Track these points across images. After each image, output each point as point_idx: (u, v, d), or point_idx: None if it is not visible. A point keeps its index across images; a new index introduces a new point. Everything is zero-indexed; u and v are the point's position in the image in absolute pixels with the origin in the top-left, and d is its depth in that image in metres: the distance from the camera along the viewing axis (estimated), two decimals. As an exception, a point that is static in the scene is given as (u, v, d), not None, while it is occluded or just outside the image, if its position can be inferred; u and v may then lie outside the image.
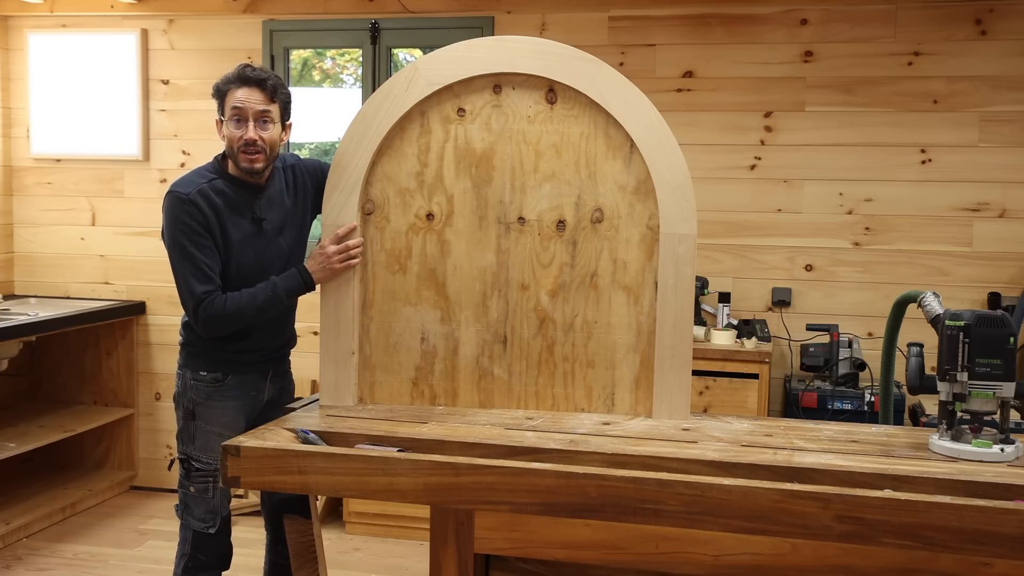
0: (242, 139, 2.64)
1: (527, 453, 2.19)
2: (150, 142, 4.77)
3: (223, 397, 2.74)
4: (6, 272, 4.92)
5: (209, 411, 2.74)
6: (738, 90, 4.19)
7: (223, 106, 2.67)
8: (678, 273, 2.49)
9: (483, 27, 4.36)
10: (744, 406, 3.83)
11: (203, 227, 2.62)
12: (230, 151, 2.67)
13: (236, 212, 2.67)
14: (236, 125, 2.64)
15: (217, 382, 2.74)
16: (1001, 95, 3.98)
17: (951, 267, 4.07)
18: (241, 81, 2.64)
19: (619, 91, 2.49)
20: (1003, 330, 2.17)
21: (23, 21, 4.84)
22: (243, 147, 2.64)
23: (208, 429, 2.73)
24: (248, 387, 2.79)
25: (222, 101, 2.67)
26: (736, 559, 2.07)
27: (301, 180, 2.83)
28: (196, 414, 2.74)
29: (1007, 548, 1.80)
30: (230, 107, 2.64)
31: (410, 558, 4.02)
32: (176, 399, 2.80)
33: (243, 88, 2.64)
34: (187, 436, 2.76)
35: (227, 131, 2.66)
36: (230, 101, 2.65)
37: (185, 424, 2.76)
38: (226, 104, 2.66)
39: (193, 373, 2.75)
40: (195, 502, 2.75)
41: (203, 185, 2.65)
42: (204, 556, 2.76)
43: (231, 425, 2.73)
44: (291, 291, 2.68)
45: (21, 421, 4.54)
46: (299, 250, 2.85)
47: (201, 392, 2.74)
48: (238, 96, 2.64)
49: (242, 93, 2.63)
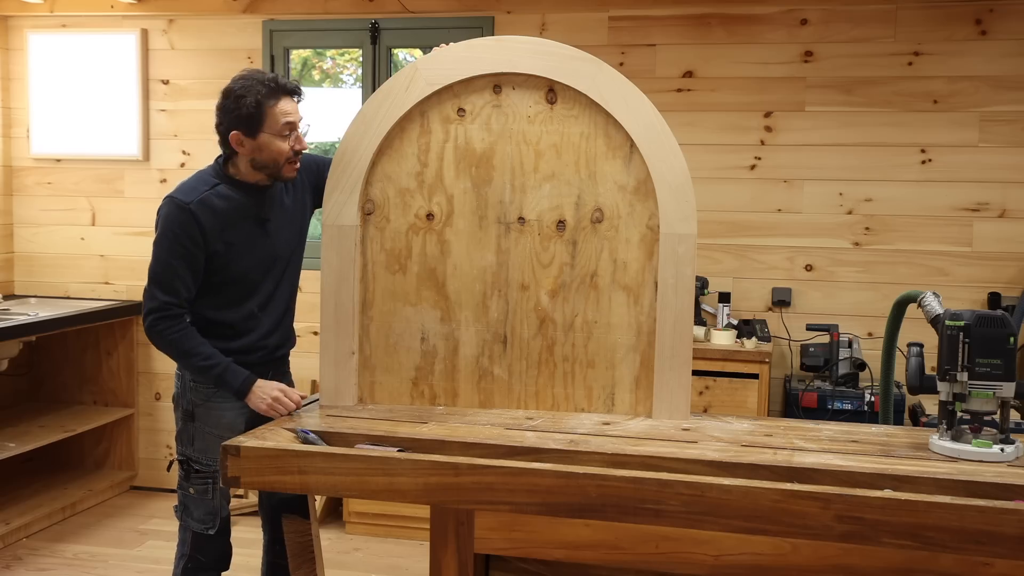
0: (292, 150, 2.62)
1: (527, 453, 2.19)
2: (150, 142, 4.77)
3: (223, 399, 2.73)
4: (6, 272, 4.92)
5: (209, 413, 2.73)
6: (738, 90, 4.19)
7: (260, 121, 2.57)
8: (678, 273, 2.49)
9: (483, 27, 4.36)
10: (744, 406, 3.83)
11: (193, 240, 2.59)
12: (273, 164, 2.62)
13: (240, 215, 2.66)
14: (285, 136, 2.60)
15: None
16: (1001, 95, 3.98)
17: (951, 267, 4.07)
18: (283, 92, 2.60)
19: (619, 91, 2.49)
20: (1003, 330, 2.17)
21: (23, 21, 4.84)
22: (293, 157, 2.63)
23: (208, 431, 2.72)
24: None
25: (259, 116, 2.57)
26: (736, 559, 2.07)
27: (299, 177, 2.81)
28: (195, 415, 2.73)
29: (1007, 548, 1.80)
30: (280, 121, 2.58)
31: (410, 558, 4.02)
32: (175, 400, 2.79)
33: (284, 99, 2.60)
34: (186, 437, 2.75)
35: (275, 145, 2.59)
36: (277, 115, 2.58)
37: (184, 426, 2.76)
38: (268, 118, 2.57)
39: (192, 375, 2.75)
40: (195, 503, 2.74)
41: (205, 193, 2.62)
42: (204, 557, 2.76)
43: (231, 427, 2.71)
44: (224, 383, 2.63)
45: (21, 421, 4.54)
46: (299, 250, 2.84)
47: (200, 394, 2.73)
48: (285, 109, 2.59)
49: (286, 105, 2.60)
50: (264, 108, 2.57)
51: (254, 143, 2.60)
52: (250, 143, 2.60)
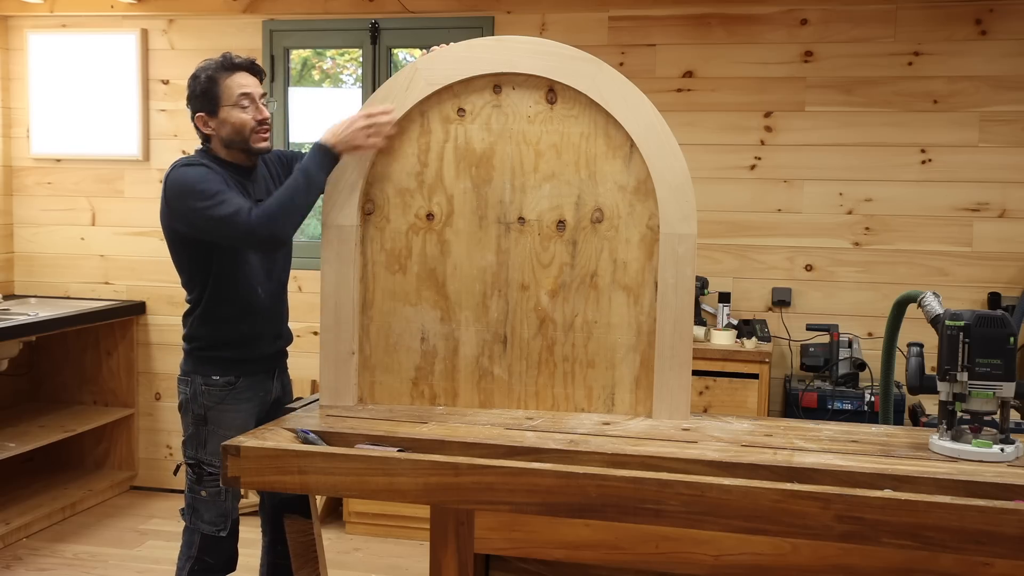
0: (255, 119, 2.67)
1: (527, 453, 2.19)
2: (150, 142, 4.77)
3: (236, 400, 2.73)
4: (6, 272, 4.92)
5: (222, 415, 2.72)
6: (738, 90, 4.19)
7: (217, 96, 2.65)
8: (678, 273, 2.48)
9: (483, 27, 4.36)
10: (744, 406, 3.83)
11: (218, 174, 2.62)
12: (240, 137, 2.68)
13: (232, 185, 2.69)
14: (245, 109, 2.66)
15: (230, 385, 2.73)
16: (1001, 95, 3.98)
17: (951, 267, 4.07)
18: (234, 67, 2.68)
19: (619, 91, 2.48)
20: (1003, 330, 2.17)
21: (23, 21, 4.84)
22: (258, 127, 2.68)
23: (221, 433, 2.68)
24: (258, 387, 2.79)
25: (214, 91, 2.66)
26: (736, 559, 2.07)
27: (274, 168, 2.87)
28: (208, 419, 2.72)
29: (1007, 548, 1.80)
30: (236, 93, 2.65)
31: (410, 558, 4.02)
32: (183, 405, 2.76)
33: (238, 73, 2.67)
34: (198, 441, 2.74)
35: (234, 117, 2.66)
36: (232, 88, 2.65)
37: (196, 430, 2.74)
38: (223, 92, 2.65)
39: (204, 379, 2.73)
40: (206, 506, 2.73)
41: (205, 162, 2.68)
42: (212, 559, 2.75)
43: (244, 427, 2.70)
44: (319, 166, 2.55)
45: (21, 421, 4.54)
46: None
47: (213, 397, 2.72)
48: (240, 82, 2.67)
49: (240, 77, 2.67)
50: (218, 82, 2.66)
51: (217, 120, 2.68)
52: (214, 121, 2.68)
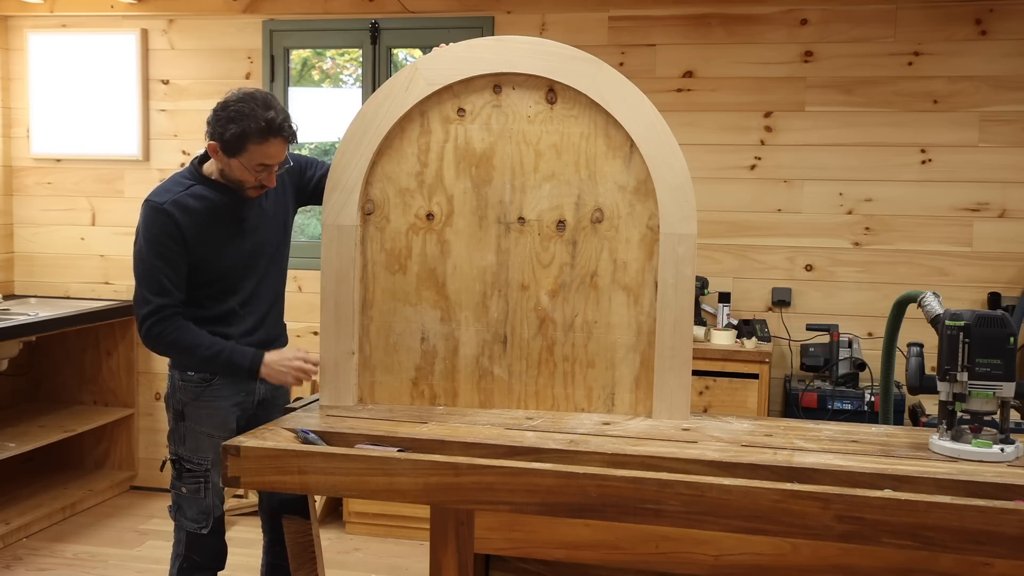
0: (257, 181, 2.63)
1: (527, 453, 2.19)
2: (150, 142, 4.77)
3: (212, 397, 2.73)
4: (6, 272, 4.92)
5: (198, 411, 2.72)
6: (738, 90, 4.19)
7: (238, 151, 2.57)
8: (678, 273, 2.48)
9: (483, 27, 4.36)
10: (744, 406, 3.83)
11: (173, 239, 2.60)
12: (236, 185, 2.65)
13: (216, 216, 2.66)
14: (257, 172, 2.61)
15: (205, 382, 2.72)
16: (1001, 95, 3.98)
17: (951, 267, 4.07)
18: (270, 135, 2.56)
19: (619, 91, 2.48)
20: (1003, 330, 2.17)
21: (23, 21, 4.84)
22: (256, 188, 2.66)
23: (198, 430, 2.71)
24: (238, 387, 2.76)
25: (238, 146, 2.56)
26: (736, 559, 2.07)
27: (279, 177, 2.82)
28: (185, 415, 2.73)
29: (1007, 548, 1.79)
30: (255, 161, 2.58)
31: (410, 558, 4.02)
32: (166, 399, 2.78)
33: (272, 140, 2.57)
34: (177, 437, 2.74)
35: (243, 174, 2.61)
36: (256, 156, 2.57)
37: (175, 425, 2.75)
38: (247, 152, 2.57)
39: (181, 373, 2.74)
40: (187, 503, 2.73)
41: (180, 194, 2.63)
42: (199, 557, 2.75)
43: (221, 426, 2.71)
44: (234, 365, 2.66)
45: (21, 421, 4.54)
46: (283, 250, 2.86)
47: (189, 392, 2.73)
48: (267, 152, 2.58)
49: (271, 147, 2.58)
50: (247, 143, 2.56)
51: (226, 161, 2.61)
52: (223, 158, 2.62)
